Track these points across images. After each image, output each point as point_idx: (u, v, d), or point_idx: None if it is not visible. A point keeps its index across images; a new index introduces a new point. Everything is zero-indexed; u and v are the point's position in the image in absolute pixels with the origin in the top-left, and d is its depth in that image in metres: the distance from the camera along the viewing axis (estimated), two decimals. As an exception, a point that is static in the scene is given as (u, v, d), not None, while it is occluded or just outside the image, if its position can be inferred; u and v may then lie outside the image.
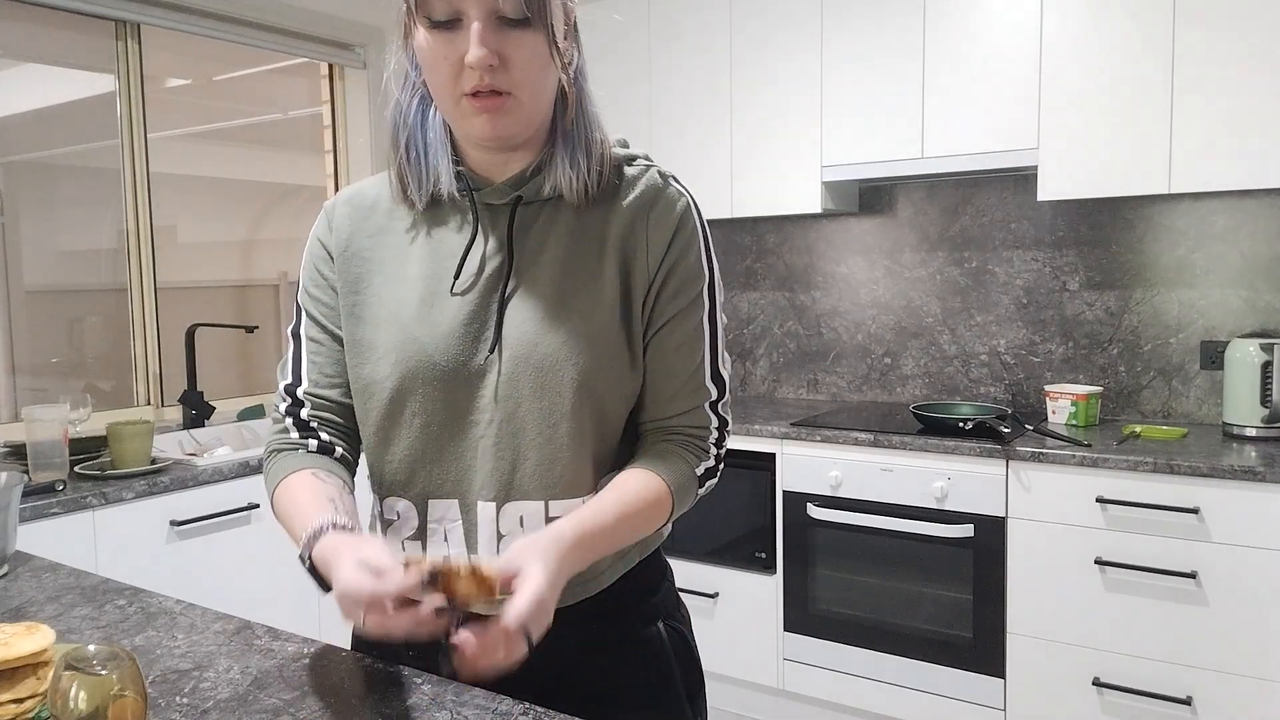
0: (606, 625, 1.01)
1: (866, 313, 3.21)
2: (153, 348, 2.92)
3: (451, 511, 0.97)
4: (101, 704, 0.73)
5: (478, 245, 0.97)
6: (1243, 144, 2.28)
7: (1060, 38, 2.49)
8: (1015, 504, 2.38)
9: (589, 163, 0.97)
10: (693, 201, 1.02)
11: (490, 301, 0.95)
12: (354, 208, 1.04)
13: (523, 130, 0.94)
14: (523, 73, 0.89)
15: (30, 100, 2.71)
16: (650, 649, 1.03)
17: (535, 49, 0.89)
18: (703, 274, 1.00)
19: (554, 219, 0.98)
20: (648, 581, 1.06)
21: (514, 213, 0.97)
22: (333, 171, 3.52)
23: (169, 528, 2.21)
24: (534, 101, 0.92)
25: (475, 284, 0.96)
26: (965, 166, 2.66)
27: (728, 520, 2.84)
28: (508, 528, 0.95)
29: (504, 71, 0.88)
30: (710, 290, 1.01)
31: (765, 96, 2.98)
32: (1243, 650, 2.13)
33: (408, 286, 0.98)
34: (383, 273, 1.00)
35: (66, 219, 2.78)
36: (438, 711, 0.89)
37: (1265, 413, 2.36)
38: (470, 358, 0.95)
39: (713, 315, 1.01)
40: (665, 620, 1.06)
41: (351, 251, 1.02)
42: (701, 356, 1.00)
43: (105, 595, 1.24)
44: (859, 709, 2.66)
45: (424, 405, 0.96)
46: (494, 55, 0.87)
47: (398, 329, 0.97)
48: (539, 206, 0.98)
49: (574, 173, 0.95)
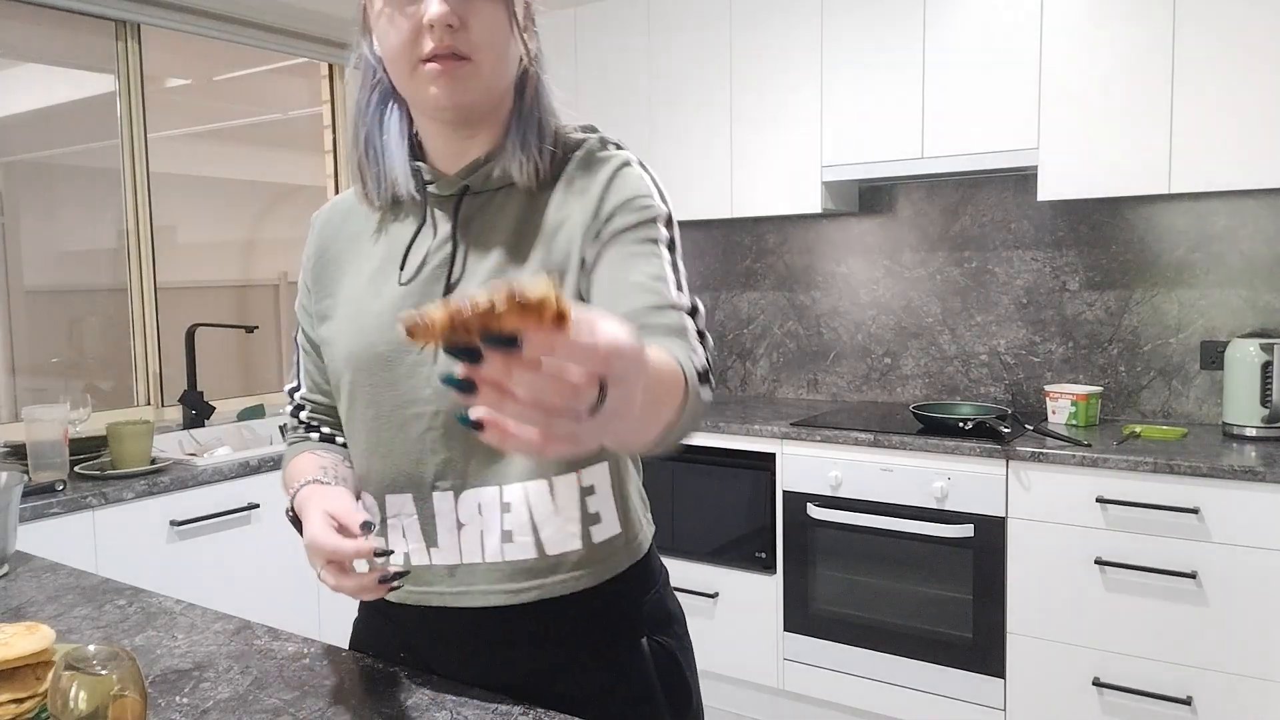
0: (585, 635, 0.98)
1: (866, 313, 3.21)
2: (153, 348, 2.92)
3: (407, 506, 0.96)
4: (101, 704, 0.73)
5: (424, 237, 0.97)
6: (1243, 144, 2.28)
7: (1060, 38, 2.49)
8: (1015, 504, 2.38)
9: (540, 144, 0.94)
10: (635, 159, 0.97)
11: (435, 292, 0.95)
12: (334, 213, 1.07)
13: (481, 100, 0.92)
14: (482, 36, 0.88)
15: (30, 100, 2.71)
16: (631, 665, 0.99)
17: (495, 17, 0.88)
18: (652, 207, 0.92)
19: (504, 206, 0.96)
20: (634, 591, 1.02)
21: (459, 203, 0.96)
22: (333, 171, 3.52)
23: (169, 528, 2.21)
24: (494, 70, 0.90)
25: (420, 274, 0.96)
26: (965, 166, 2.66)
27: (728, 520, 2.84)
28: (467, 516, 0.94)
29: (463, 33, 0.87)
30: (667, 224, 0.92)
31: (765, 97, 2.98)
32: (1243, 650, 2.13)
33: (363, 281, 1.00)
34: (349, 272, 1.02)
35: (66, 219, 2.78)
36: (438, 711, 0.89)
37: (1265, 413, 2.36)
38: (411, 348, 0.94)
39: (671, 245, 0.92)
40: (652, 635, 1.02)
41: (328, 258, 1.05)
42: (661, 268, 0.89)
43: (105, 595, 1.24)
44: (859, 709, 2.66)
45: (373, 397, 0.96)
46: (453, 15, 0.86)
47: (352, 321, 0.98)
48: (489, 195, 0.97)
49: (524, 155, 0.93)
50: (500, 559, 0.94)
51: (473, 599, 0.95)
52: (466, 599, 0.95)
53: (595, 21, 3.30)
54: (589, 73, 3.33)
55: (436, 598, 0.96)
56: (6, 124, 2.65)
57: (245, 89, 3.32)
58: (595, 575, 0.97)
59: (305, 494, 0.93)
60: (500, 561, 0.94)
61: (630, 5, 3.22)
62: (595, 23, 3.30)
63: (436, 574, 0.96)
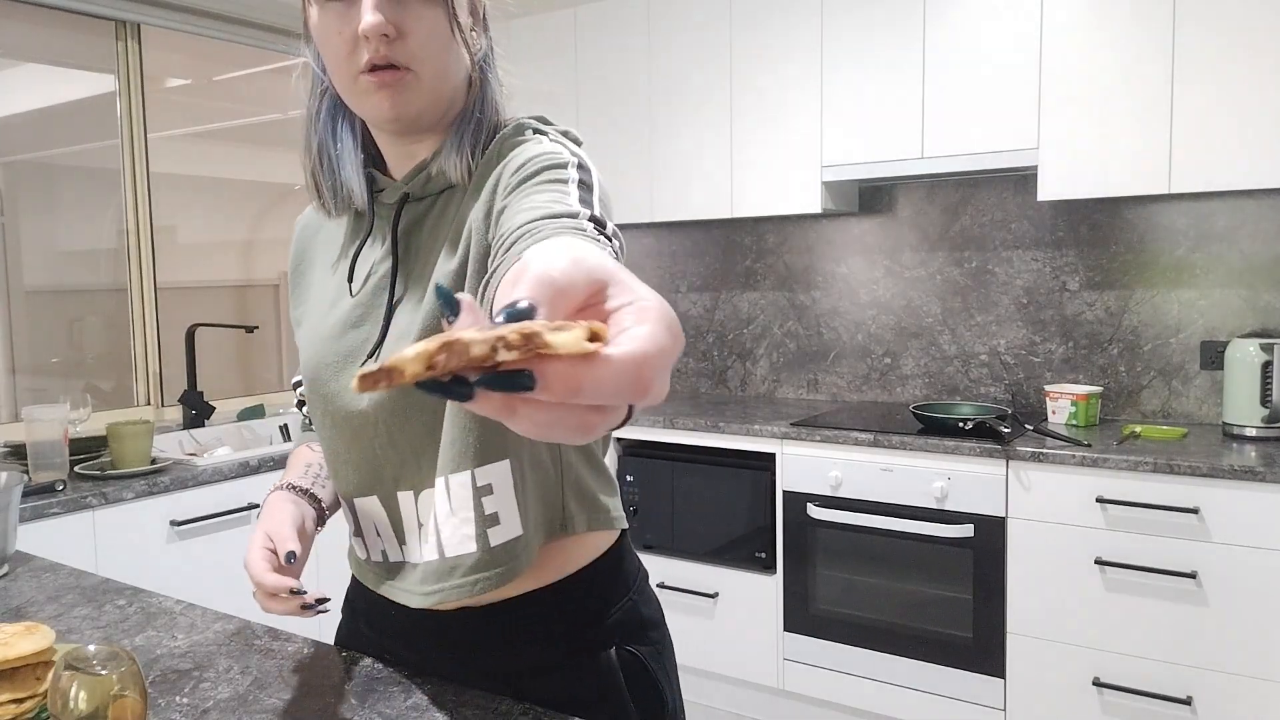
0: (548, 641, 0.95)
1: (866, 313, 3.21)
2: (153, 348, 2.92)
3: (375, 508, 0.96)
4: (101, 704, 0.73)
5: (370, 248, 0.96)
6: (1243, 144, 2.28)
7: (1060, 38, 2.49)
8: (1015, 504, 2.38)
9: (475, 143, 0.91)
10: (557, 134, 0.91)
11: (379, 302, 0.93)
12: (308, 220, 1.07)
13: (425, 110, 0.88)
14: (421, 45, 0.84)
15: (30, 100, 2.71)
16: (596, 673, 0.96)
17: (434, 23, 0.85)
18: (553, 155, 0.84)
19: (444, 211, 0.93)
20: (602, 594, 0.98)
21: (399, 211, 0.94)
22: (333, 171, 3.52)
23: (169, 528, 2.21)
24: (435, 80, 0.87)
25: (366, 285, 0.95)
26: (965, 166, 2.66)
27: (728, 520, 2.84)
28: (425, 515, 0.93)
29: (401, 43, 0.84)
30: (579, 168, 0.83)
31: (765, 96, 2.98)
32: (1243, 650, 2.13)
33: (325, 290, 1.00)
34: (317, 281, 1.03)
35: (66, 219, 2.78)
36: (438, 711, 0.89)
37: (1265, 413, 2.36)
38: (356, 359, 0.93)
39: (582, 183, 0.81)
40: (623, 645, 0.97)
41: (303, 264, 1.05)
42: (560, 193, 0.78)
43: (105, 595, 1.24)
44: (859, 709, 2.66)
45: (328, 406, 0.96)
46: (389, 25, 0.82)
47: (311, 332, 0.99)
48: (431, 200, 0.94)
49: (458, 156, 0.90)
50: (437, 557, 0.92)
51: (445, 596, 0.92)
52: (438, 598, 0.92)
53: (595, 21, 3.30)
54: (589, 73, 3.33)
55: (418, 598, 0.94)
56: (6, 124, 2.65)
57: (245, 89, 3.32)
58: (498, 580, 0.90)
59: (269, 501, 0.99)
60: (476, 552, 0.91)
61: (630, 5, 3.22)
62: (595, 23, 3.30)
63: (411, 574, 0.95)
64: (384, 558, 0.98)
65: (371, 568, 0.99)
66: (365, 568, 1.01)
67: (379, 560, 0.98)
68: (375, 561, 0.98)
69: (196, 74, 3.15)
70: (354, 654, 1.04)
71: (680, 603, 2.93)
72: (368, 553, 0.99)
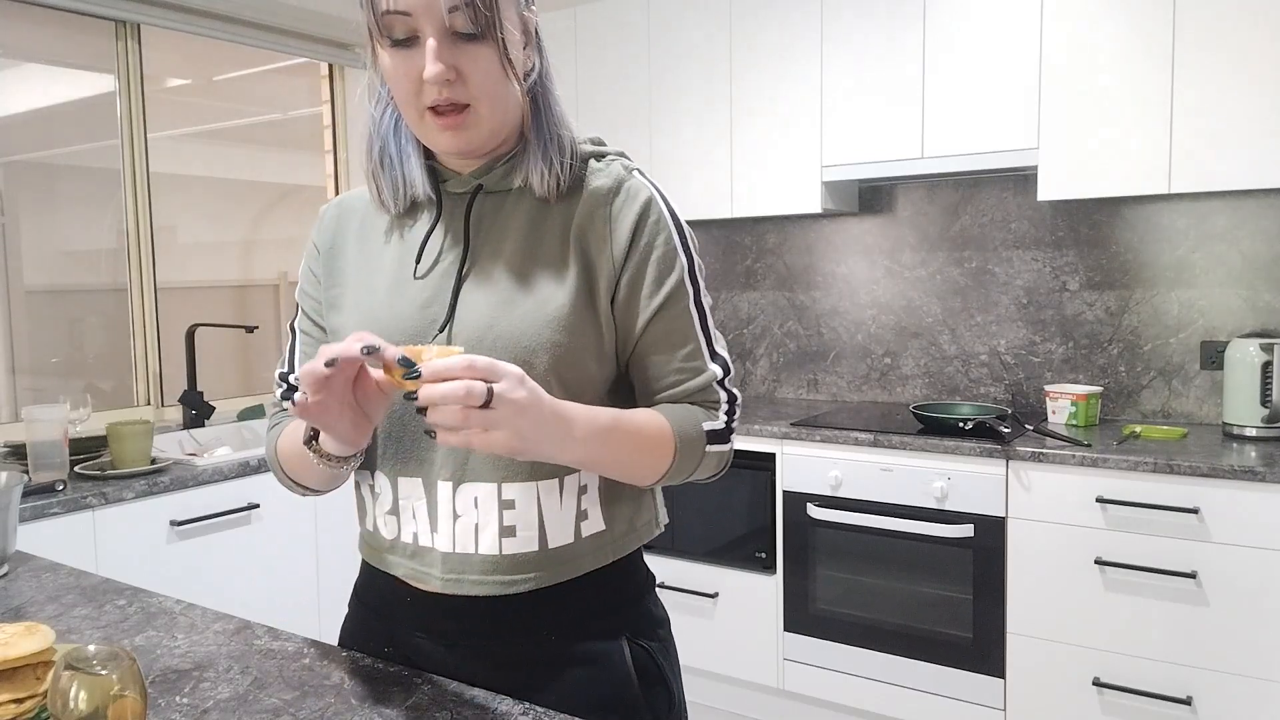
0: (572, 631, 1.00)
1: (866, 313, 3.21)
2: (153, 348, 2.92)
3: (417, 490, 0.99)
4: (101, 704, 0.73)
5: (439, 232, 1.02)
6: (1243, 144, 2.28)
7: (1060, 38, 2.49)
8: (1015, 504, 2.38)
9: (561, 158, 0.99)
10: (659, 193, 1.02)
11: (447, 286, 0.99)
12: (343, 210, 1.11)
13: (487, 141, 0.97)
14: (479, 85, 0.93)
15: (30, 100, 2.71)
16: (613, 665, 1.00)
17: (489, 62, 0.92)
18: (679, 259, 1.00)
19: (516, 208, 1.00)
20: (620, 592, 1.04)
21: (472, 200, 1.01)
22: (333, 171, 3.52)
23: (169, 528, 2.21)
24: (493, 113, 0.95)
25: (434, 268, 1.00)
26: (965, 166, 2.66)
27: (728, 520, 2.84)
28: (463, 508, 0.97)
29: (461, 85, 0.92)
30: (691, 275, 1.01)
31: (765, 96, 2.98)
32: (1243, 650, 2.13)
33: (379, 275, 1.04)
34: (360, 266, 1.06)
35: (66, 219, 2.78)
36: (438, 711, 0.89)
37: (1265, 413, 2.36)
38: (424, 338, 0.98)
39: (698, 301, 1.01)
40: (634, 639, 1.03)
41: (336, 249, 1.09)
42: (696, 338, 1.01)
43: (105, 595, 1.24)
44: (859, 709, 2.66)
45: None
46: (450, 70, 0.91)
47: (365, 313, 1.02)
48: (502, 196, 1.01)
49: (546, 167, 0.98)
50: (496, 552, 0.96)
51: (464, 588, 0.97)
52: (457, 587, 0.97)
53: (595, 21, 3.30)
54: (589, 73, 3.33)
55: (437, 582, 0.98)
56: (6, 124, 2.65)
57: (245, 89, 3.32)
58: (583, 564, 1.00)
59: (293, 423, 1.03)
60: (496, 555, 0.96)
61: (630, 5, 3.22)
62: (595, 23, 3.30)
63: (434, 559, 0.98)
64: (414, 539, 1.00)
65: (398, 549, 1.01)
66: (389, 547, 1.02)
67: (408, 541, 1.00)
68: (404, 543, 1.01)
69: (196, 74, 3.15)
70: (354, 654, 1.04)
71: (680, 603, 2.93)
72: (399, 531, 1.01)
